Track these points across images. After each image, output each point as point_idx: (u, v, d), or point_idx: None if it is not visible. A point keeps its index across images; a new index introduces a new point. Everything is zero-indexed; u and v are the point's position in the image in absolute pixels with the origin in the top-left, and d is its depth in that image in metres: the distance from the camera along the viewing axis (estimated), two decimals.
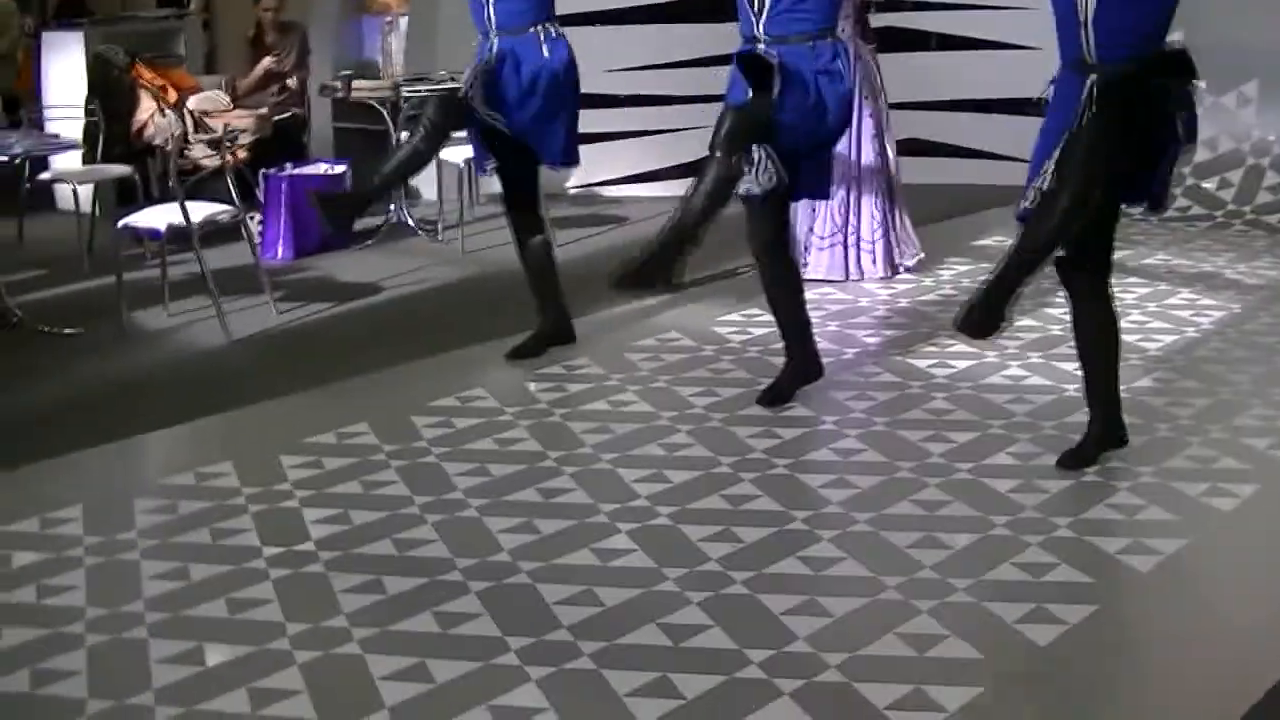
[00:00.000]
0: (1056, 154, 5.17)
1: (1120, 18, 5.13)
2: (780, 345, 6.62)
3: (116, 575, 4.98)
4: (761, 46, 6.09)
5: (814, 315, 6.77)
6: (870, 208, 8.61)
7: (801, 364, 6.61)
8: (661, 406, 6.52)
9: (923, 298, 8.34)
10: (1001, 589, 4.68)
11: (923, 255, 8.95)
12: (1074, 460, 5.67)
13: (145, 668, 4.32)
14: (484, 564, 4.96)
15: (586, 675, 4.23)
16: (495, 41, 6.83)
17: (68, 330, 8.16)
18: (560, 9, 6.95)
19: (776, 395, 6.53)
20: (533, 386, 6.84)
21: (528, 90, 6.74)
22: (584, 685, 4.18)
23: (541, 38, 6.84)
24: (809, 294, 6.69)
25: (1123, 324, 5.73)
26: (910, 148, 11.68)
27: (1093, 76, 5.19)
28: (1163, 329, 7.48)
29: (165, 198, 8.76)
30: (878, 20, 11.65)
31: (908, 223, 8.92)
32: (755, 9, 6.13)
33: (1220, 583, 4.88)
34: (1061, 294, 5.79)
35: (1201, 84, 5.32)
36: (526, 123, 6.80)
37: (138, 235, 8.89)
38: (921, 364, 7.04)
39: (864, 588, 4.72)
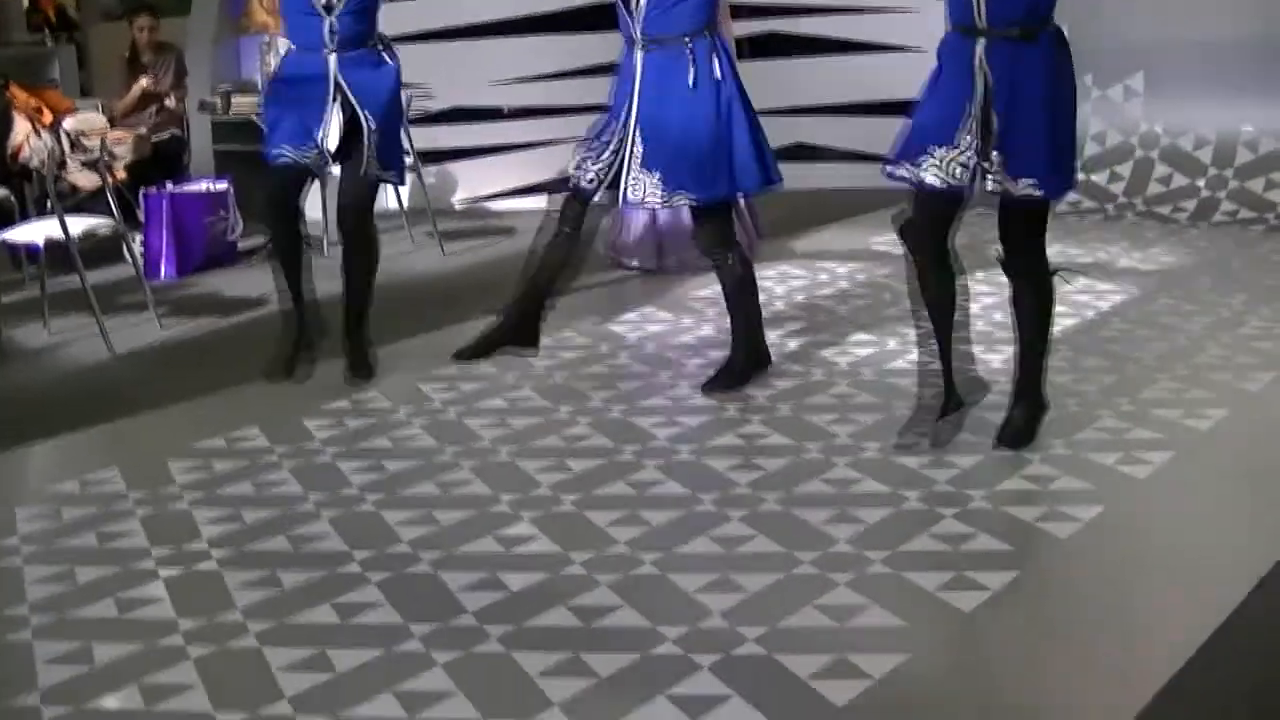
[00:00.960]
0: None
1: None
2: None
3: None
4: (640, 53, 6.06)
5: (703, 307, 6.64)
6: None
7: (754, 352, 6.56)
8: (560, 400, 6.37)
9: (819, 292, 8.26)
10: (920, 559, 4.59)
11: (758, 240, 9.13)
12: (1017, 439, 5.55)
13: (31, 669, 4.13)
14: (382, 555, 4.80)
15: (495, 658, 4.07)
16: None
17: None
18: (445, 22, 6.90)
19: (729, 383, 6.45)
20: (425, 387, 6.66)
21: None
22: (493, 667, 4.03)
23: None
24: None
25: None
26: (793, 153, 11.69)
27: (981, 41, 5.15)
28: (1063, 312, 7.33)
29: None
30: (759, 26, 11.71)
31: (745, 214, 8.92)
32: (632, 10, 6.07)
33: (1141, 546, 4.77)
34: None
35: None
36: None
37: (15, 252, 8.65)
38: (823, 353, 6.97)
39: (778, 564, 4.60)
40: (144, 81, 10.89)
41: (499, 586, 4.52)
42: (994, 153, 5.14)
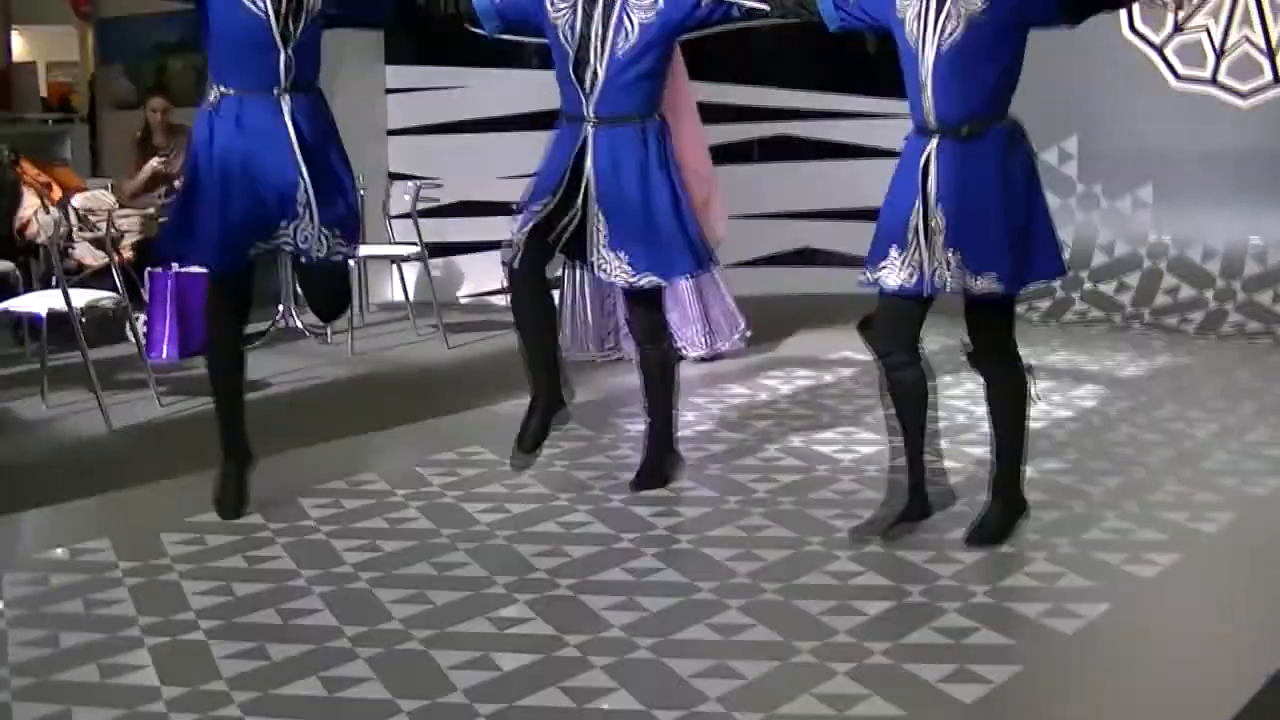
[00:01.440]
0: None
1: (957, 84, 5.13)
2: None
3: None
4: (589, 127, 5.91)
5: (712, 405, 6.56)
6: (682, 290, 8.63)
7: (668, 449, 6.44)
8: (559, 489, 6.30)
9: (824, 391, 8.22)
10: (921, 651, 4.47)
11: (748, 334, 9.18)
12: (989, 538, 5.47)
13: None
14: (373, 631, 4.71)
15: None
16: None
17: None
18: (454, 116, 6.73)
19: (653, 481, 6.34)
20: (424, 471, 6.59)
21: None
22: None
23: None
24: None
25: (1030, 413, 5.61)
26: (798, 258, 11.71)
27: (933, 140, 5.17)
28: (1069, 418, 7.36)
29: None
30: (772, 128, 11.73)
31: (729, 302, 8.90)
32: (586, 88, 5.90)
33: (1147, 644, 4.71)
34: (966, 384, 5.68)
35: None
36: None
37: (17, 325, 8.63)
38: (825, 449, 6.90)
39: (776, 651, 4.49)
40: (155, 162, 10.90)
41: (491, 666, 4.42)
42: (949, 251, 5.11)
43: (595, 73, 5.83)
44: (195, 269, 9.37)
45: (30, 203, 10.08)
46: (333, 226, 5.74)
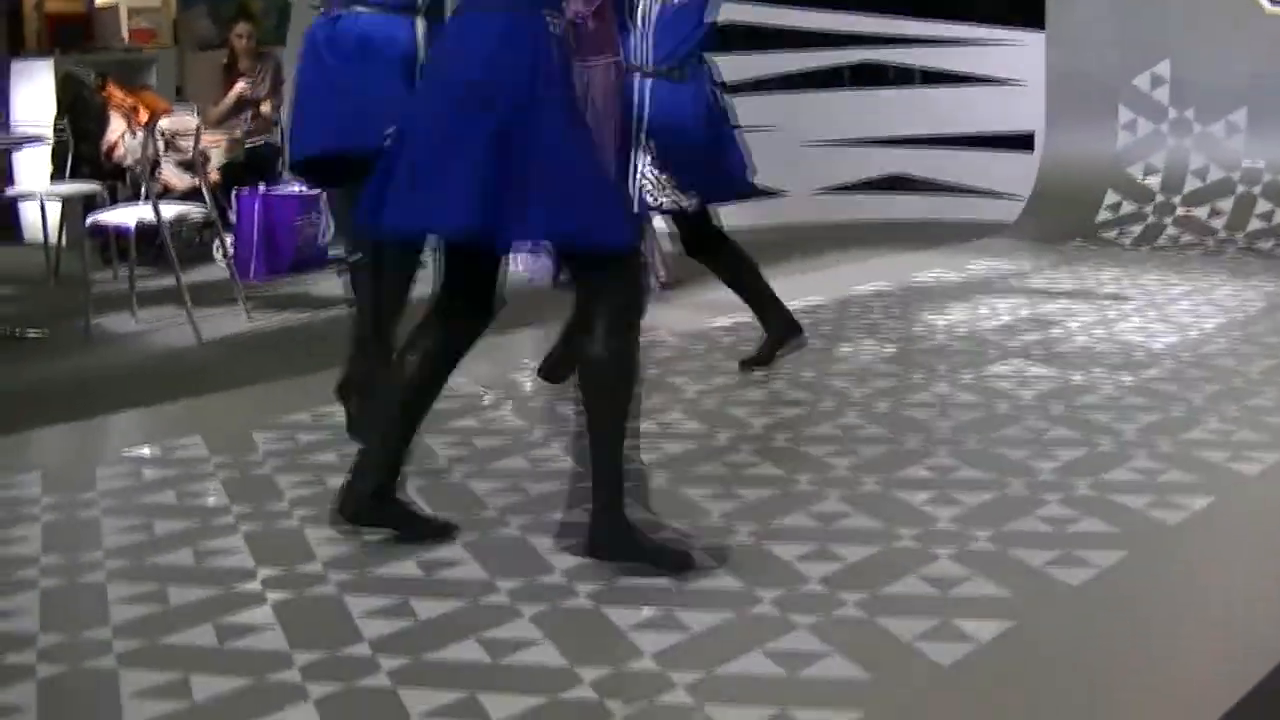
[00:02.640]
0: None
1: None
2: None
3: (75, 528, 4.70)
4: None
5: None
6: None
7: (781, 329, 6.48)
8: (651, 391, 6.20)
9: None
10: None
11: (666, 281, 8.74)
12: None
13: (104, 608, 4.03)
14: (470, 519, 4.68)
15: (583, 611, 3.96)
16: None
17: (31, 333, 7.86)
18: None
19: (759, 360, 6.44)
20: (517, 376, 6.56)
21: None
22: (580, 619, 3.92)
23: None
24: None
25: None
26: (893, 184, 11.59)
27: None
28: (1110, 350, 7.01)
29: None
30: (860, 54, 11.61)
31: (654, 246, 8.74)
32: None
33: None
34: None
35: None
36: None
37: (105, 246, 8.65)
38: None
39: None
40: (240, 87, 10.88)
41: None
42: None
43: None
44: (282, 190, 9.48)
45: (117, 126, 10.11)
46: None
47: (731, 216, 6.91)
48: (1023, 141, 11.27)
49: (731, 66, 11.40)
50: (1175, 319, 7.66)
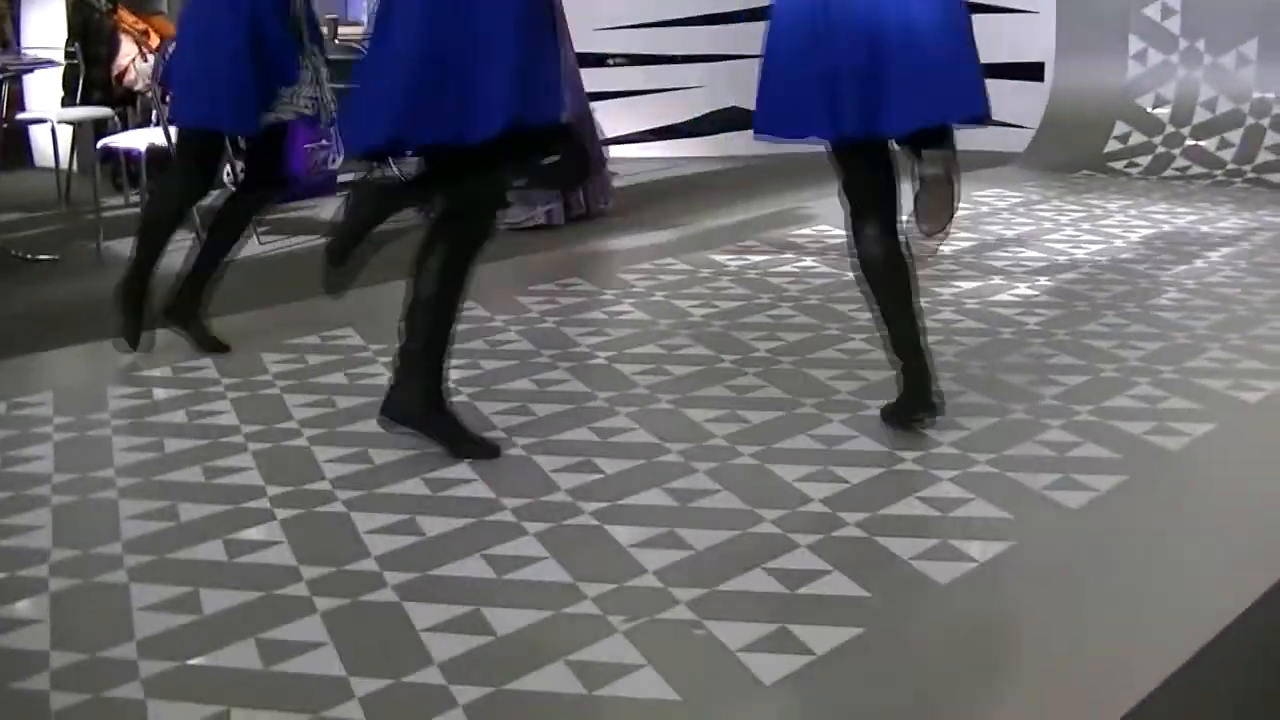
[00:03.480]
0: None
1: None
2: None
3: (87, 447, 4.76)
4: None
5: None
6: None
7: None
8: (658, 315, 6.29)
9: None
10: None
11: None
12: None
13: (115, 525, 4.10)
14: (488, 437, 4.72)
15: (589, 529, 4.02)
16: None
17: (42, 256, 7.90)
18: None
19: None
20: (524, 299, 6.59)
21: None
22: (585, 539, 3.97)
23: None
24: None
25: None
26: None
27: None
28: (1115, 279, 7.06)
29: None
30: None
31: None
32: None
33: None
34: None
35: None
36: None
37: (116, 168, 8.67)
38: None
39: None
40: None
41: (596, 470, 4.45)
42: None
43: None
44: None
45: (128, 50, 10.09)
46: None
47: (748, 146, 6.93)
48: (1033, 71, 11.23)
49: None
50: (1181, 249, 7.69)
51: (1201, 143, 10.40)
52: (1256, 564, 3.82)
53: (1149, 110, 10.69)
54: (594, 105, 10.35)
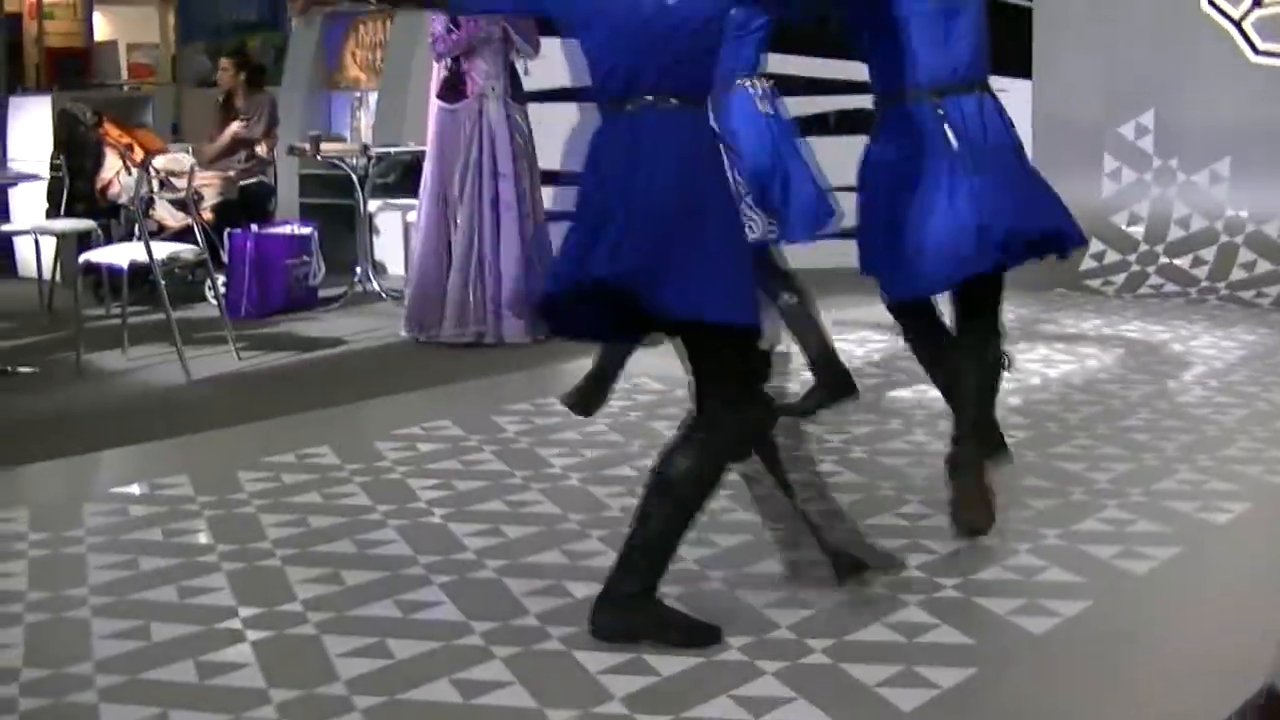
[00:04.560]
0: None
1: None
2: None
3: (61, 564, 4.81)
4: None
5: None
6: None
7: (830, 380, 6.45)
8: (632, 436, 6.35)
9: (898, 350, 8.18)
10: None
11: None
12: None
13: (87, 644, 4.13)
14: (447, 560, 4.79)
15: (556, 655, 4.02)
16: None
17: (22, 368, 7.94)
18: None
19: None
20: (500, 419, 6.64)
21: None
22: (553, 663, 3.99)
23: None
24: None
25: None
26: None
27: None
28: (1087, 400, 7.10)
29: None
30: (842, 102, 11.69)
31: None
32: None
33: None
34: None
35: None
36: None
37: (99, 281, 8.75)
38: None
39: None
40: (235, 126, 10.98)
41: (566, 594, 4.49)
42: None
43: None
44: (274, 230, 9.59)
45: (112, 164, 10.20)
46: None
47: None
48: None
49: None
50: (1154, 368, 7.76)
51: (1176, 260, 10.50)
52: (1215, 693, 3.81)
53: (1124, 228, 10.81)
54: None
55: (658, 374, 7.06)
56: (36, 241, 9.67)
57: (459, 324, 8.47)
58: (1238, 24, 10.54)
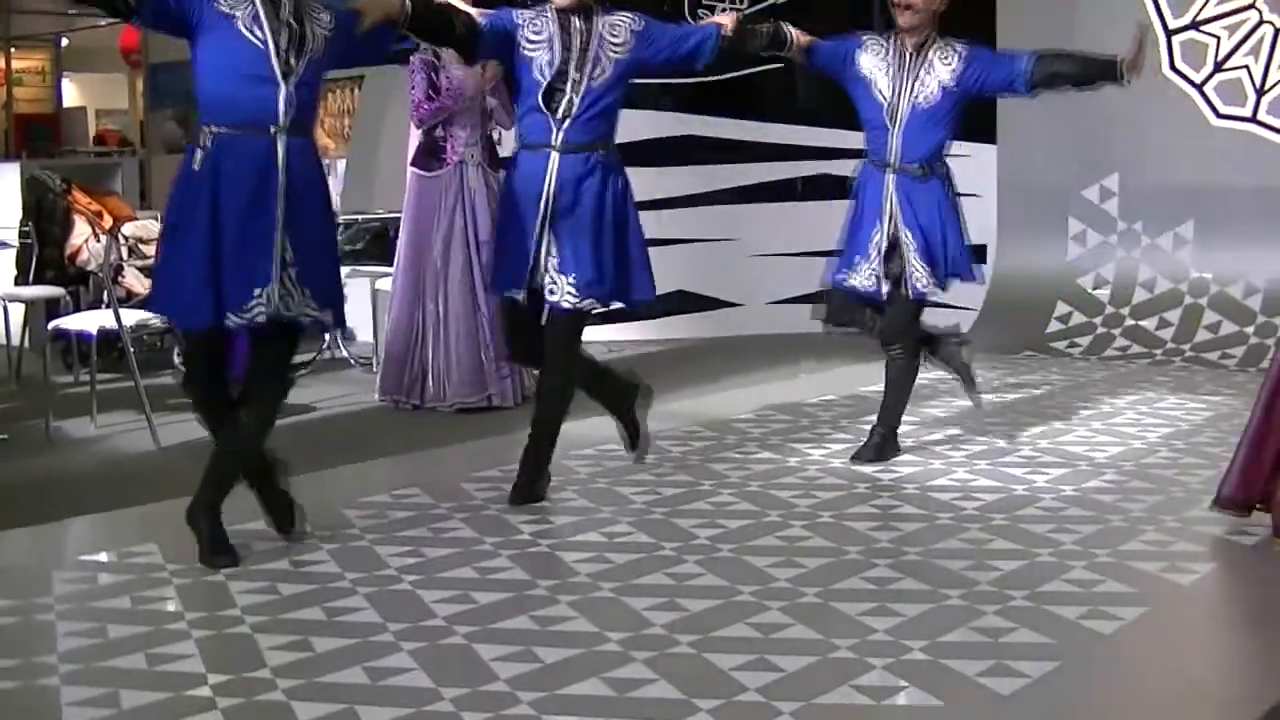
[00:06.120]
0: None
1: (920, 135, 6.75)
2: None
3: (29, 632, 4.81)
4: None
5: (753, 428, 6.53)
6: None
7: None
8: (601, 503, 6.37)
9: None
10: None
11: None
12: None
13: (56, 712, 4.13)
14: (416, 627, 4.79)
15: (524, 719, 4.03)
16: None
17: None
18: None
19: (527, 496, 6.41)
20: (469, 486, 6.65)
21: None
22: None
23: None
24: None
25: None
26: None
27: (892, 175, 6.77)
28: (1054, 462, 7.13)
29: None
30: (815, 168, 11.79)
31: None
32: (558, 115, 6.19)
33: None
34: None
35: None
36: None
37: (67, 349, 8.75)
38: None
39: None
40: None
41: (535, 659, 4.49)
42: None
43: (571, 102, 6.13)
44: None
45: (81, 231, 10.22)
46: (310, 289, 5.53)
47: (689, 327, 7.10)
48: (976, 253, 11.40)
49: (688, 178, 11.65)
50: (1120, 430, 7.81)
51: (1141, 322, 10.58)
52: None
53: (1089, 291, 10.90)
54: None
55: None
56: (5, 308, 9.68)
57: (474, 388, 8.48)
58: (1199, 88, 10.67)
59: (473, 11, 6.24)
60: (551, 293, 6.19)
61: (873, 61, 6.78)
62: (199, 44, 5.37)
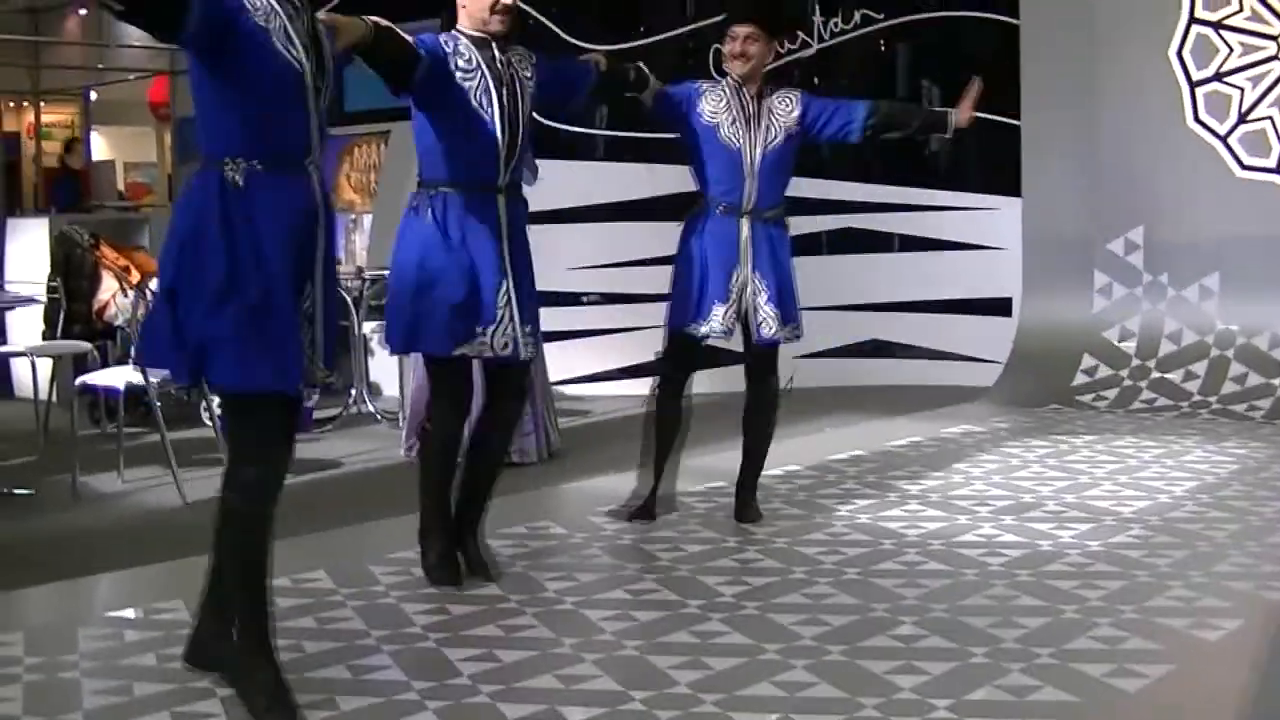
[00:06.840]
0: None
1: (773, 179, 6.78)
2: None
3: (56, 689, 4.80)
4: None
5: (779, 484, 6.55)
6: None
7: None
8: (626, 560, 6.37)
9: (890, 472, 8.23)
10: (985, 707, 4.39)
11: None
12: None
13: None
14: (442, 686, 4.79)
15: None
16: None
17: (17, 490, 7.97)
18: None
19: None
20: (494, 543, 6.64)
21: None
22: None
23: None
24: None
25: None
26: (869, 350, 11.78)
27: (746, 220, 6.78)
28: (1080, 516, 7.12)
29: None
30: (841, 221, 11.81)
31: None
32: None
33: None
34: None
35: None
36: None
37: (94, 404, 8.77)
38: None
39: (841, 707, 4.42)
40: None
41: (560, 718, 4.50)
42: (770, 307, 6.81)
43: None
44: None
45: (109, 285, 10.28)
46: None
47: (711, 382, 7.12)
48: (1001, 306, 11.45)
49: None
50: (1146, 484, 7.79)
51: (1167, 375, 10.56)
52: None
53: (1115, 344, 10.88)
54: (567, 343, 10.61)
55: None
56: (33, 363, 9.73)
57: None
58: (1224, 139, 10.67)
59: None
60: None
61: (714, 107, 6.77)
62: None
